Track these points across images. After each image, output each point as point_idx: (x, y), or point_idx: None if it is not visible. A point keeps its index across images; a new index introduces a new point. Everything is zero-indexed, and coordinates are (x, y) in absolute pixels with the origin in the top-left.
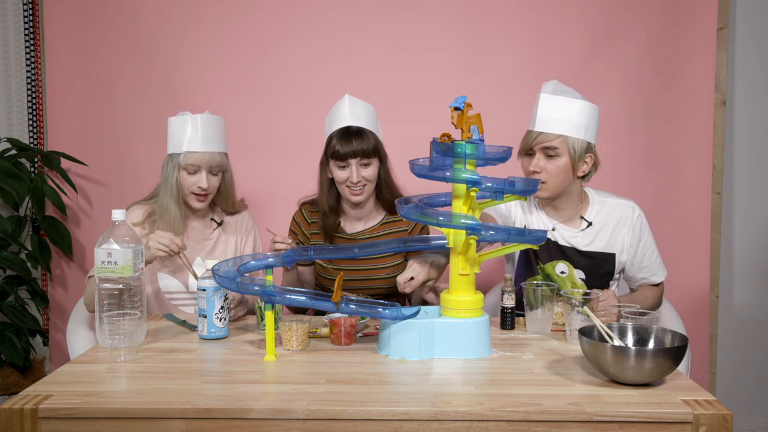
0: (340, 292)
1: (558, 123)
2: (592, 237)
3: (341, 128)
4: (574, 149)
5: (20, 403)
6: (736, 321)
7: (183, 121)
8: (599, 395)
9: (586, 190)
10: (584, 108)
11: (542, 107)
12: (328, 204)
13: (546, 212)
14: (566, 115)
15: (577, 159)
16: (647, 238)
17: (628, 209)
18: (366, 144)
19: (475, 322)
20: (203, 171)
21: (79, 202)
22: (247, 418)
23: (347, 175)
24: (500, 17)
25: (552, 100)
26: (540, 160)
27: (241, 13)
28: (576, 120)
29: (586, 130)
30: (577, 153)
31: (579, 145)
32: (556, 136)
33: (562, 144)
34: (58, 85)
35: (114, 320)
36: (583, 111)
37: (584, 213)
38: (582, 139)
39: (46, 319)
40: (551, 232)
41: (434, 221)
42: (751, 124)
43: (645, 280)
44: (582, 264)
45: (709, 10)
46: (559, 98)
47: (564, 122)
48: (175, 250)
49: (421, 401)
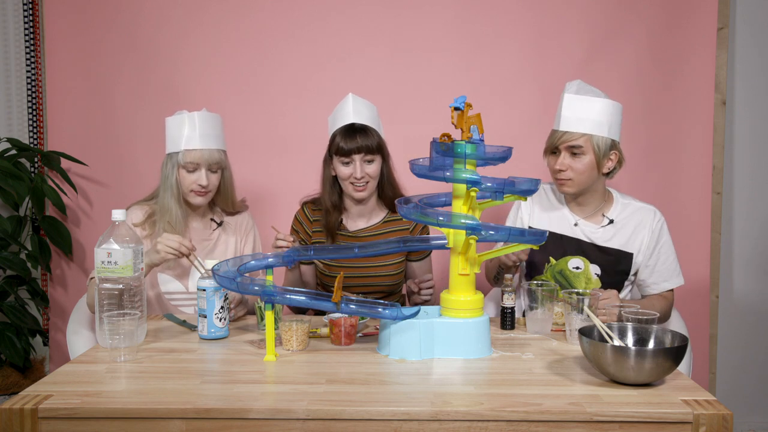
0: (340, 292)
1: (582, 122)
2: (612, 234)
3: (345, 125)
4: (599, 147)
5: (20, 403)
6: (736, 321)
7: (180, 119)
8: (599, 395)
9: (611, 190)
10: (607, 106)
11: (566, 106)
12: (331, 201)
13: (570, 208)
14: (590, 114)
15: (602, 156)
16: (665, 243)
17: (649, 213)
18: (370, 141)
19: (475, 322)
20: (202, 168)
21: (79, 202)
22: (247, 418)
23: (351, 171)
24: (500, 17)
25: (575, 100)
26: (565, 159)
27: (241, 13)
28: (599, 118)
29: (609, 127)
30: (601, 151)
31: (603, 143)
32: (580, 134)
33: (586, 142)
34: (58, 85)
35: (114, 320)
36: (607, 109)
37: (606, 211)
38: (606, 137)
39: (46, 319)
40: (573, 228)
41: (434, 221)
42: (751, 124)
43: (657, 285)
44: (599, 260)
45: (709, 10)
46: (582, 97)
47: (588, 121)
48: (185, 252)
49: (421, 401)
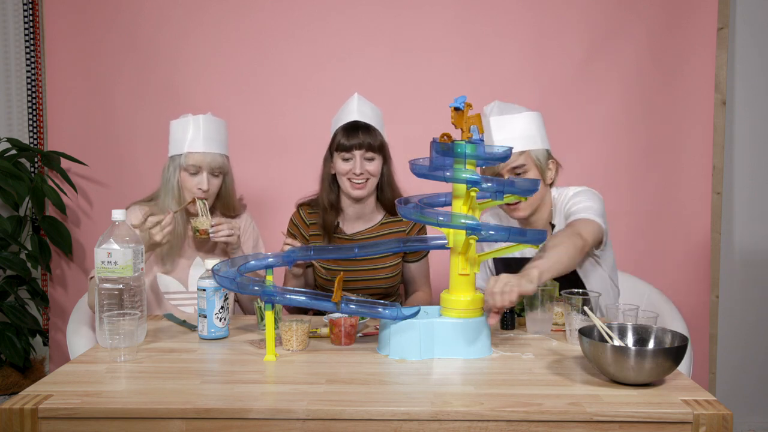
0: (340, 292)
1: (515, 141)
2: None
3: (349, 122)
4: (539, 159)
5: (20, 403)
6: (736, 321)
7: (185, 122)
8: (599, 395)
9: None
10: (531, 118)
11: (495, 129)
12: (329, 200)
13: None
14: (520, 131)
15: (544, 168)
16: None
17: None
18: (372, 138)
19: (475, 322)
20: (204, 172)
21: (79, 202)
22: (247, 418)
23: (350, 167)
24: (500, 17)
25: (503, 121)
26: None
27: (241, 14)
28: (529, 132)
29: (540, 138)
30: (542, 163)
31: (541, 154)
32: (518, 153)
33: (527, 159)
34: (58, 85)
35: (114, 320)
36: (533, 121)
37: (552, 219)
38: (541, 148)
39: (46, 319)
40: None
41: (434, 221)
42: (751, 124)
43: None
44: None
45: (709, 10)
46: (507, 117)
47: (520, 138)
48: (169, 222)
49: (421, 401)
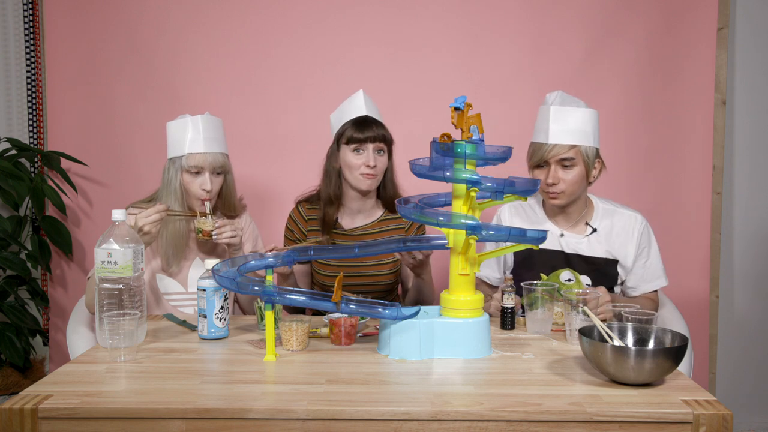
0: (340, 292)
1: (570, 134)
2: (597, 243)
3: (358, 117)
4: (588, 156)
5: (20, 403)
6: (736, 321)
7: (183, 123)
8: (599, 395)
9: (589, 196)
10: (590, 115)
11: (553, 119)
12: (332, 193)
13: (554, 220)
14: (576, 125)
15: (591, 166)
16: (651, 247)
17: (632, 219)
18: (384, 132)
19: (475, 322)
20: (206, 172)
21: (79, 202)
22: (247, 418)
23: (363, 160)
24: (500, 17)
25: (561, 112)
26: (557, 172)
27: (241, 14)
28: (585, 128)
29: (594, 136)
30: (590, 160)
31: (591, 152)
32: (570, 146)
33: (577, 154)
34: (58, 85)
35: (114, 320)
36: (591, 118)
37: (589, 219)
38: (592, 146)
39: (46, 319)
40: (559, 239)
41: (434, 221)
42: (751, 124)
43: (641, 287)
44: (586, 270)
45: (709, 10)
46: (567, 108)
47: (575, 132)
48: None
49: (421, 401)
